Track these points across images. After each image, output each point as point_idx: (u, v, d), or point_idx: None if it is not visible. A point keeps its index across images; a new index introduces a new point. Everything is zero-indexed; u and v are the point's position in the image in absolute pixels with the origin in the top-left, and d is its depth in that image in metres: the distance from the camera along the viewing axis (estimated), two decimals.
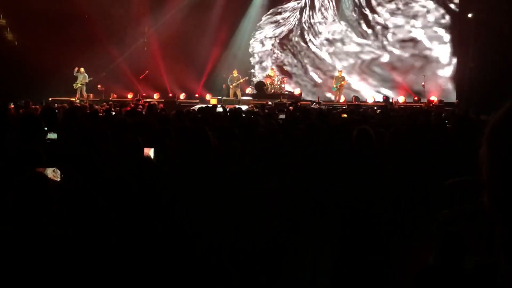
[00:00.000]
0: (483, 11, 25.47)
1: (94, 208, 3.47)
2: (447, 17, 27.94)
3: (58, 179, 3.51)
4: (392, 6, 29.27)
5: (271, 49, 32.03)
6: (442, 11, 28.05)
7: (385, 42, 29.23)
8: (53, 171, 3.52)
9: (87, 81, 26.75)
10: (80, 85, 26.72)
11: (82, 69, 26.80)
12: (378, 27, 29.57)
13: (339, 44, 30.46)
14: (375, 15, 29.61)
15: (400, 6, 29.03)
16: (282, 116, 13.90)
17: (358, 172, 7.49)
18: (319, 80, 30.07)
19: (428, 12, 28.34)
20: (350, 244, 7.83)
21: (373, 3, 29.71)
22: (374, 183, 7.85)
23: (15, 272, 3.15)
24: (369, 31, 29.74)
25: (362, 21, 29.92)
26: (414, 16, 28.77)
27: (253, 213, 5.60)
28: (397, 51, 28.92)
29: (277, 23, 31.90)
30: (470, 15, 26.91)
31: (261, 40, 32.25)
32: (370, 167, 7.67)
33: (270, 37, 32.07)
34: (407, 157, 9.85)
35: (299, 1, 31.51)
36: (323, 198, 6.53)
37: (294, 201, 5.88)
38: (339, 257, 7.28)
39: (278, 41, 31.89)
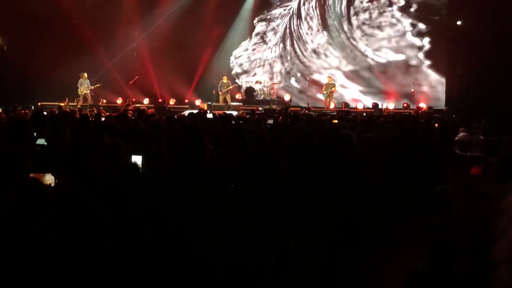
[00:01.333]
0: (472, 18, 25.60)
1: (89, 212, 3.47)
2: (434, 24, 28.01)
3: (53, 184, 3.52)
4: (375, 13, 29.48)
5: (262, 56, 32.07)
6: (429, 18, 28.14)
7: (370, 49, 29.38)
8: (49, 176, 3.52)
9: (91, 88, 26.94)
10: (86, 92, 26.96)
11: (85, 75, 27.10)
12: (360, 35, 29.76)
13: (325, 53, 30.61)
14: (357, 23, 29.84)
15: (389, 12, 29.17)
16: (270, 121, 13.92)
17: (343, 176, 7.51)
18: (306, 87, 30.11)
19: (416, 19, 28.44)
20: (339, 249, 7.84)
21: (353, 11, 29.93)
22: (360, 188, 7.88)
23: (11, 276, 3.15)
24: (354, 39, 29.92)
25: (343, 30, 30.13)
26: (396, 24, 28.95)
27: (243, 217, 5.61)
28: (384, 58, 29.06)
29: (267, 30, 31.98)
30: (459, 22, 27.04)
31: (252, 47, 32.26)
32: (354, 171, 7.69)
33: (261, 44, 32.11)
34: (396, 162, 9.89)
35: (284, 8, 31.62)
36: (311, 202, 6.54)
37: (283, 206, 5.88)
38: (328, 262, 7.28)
39: (268, 47, 31.94)
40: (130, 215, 4.02)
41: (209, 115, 14.39)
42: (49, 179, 3.52)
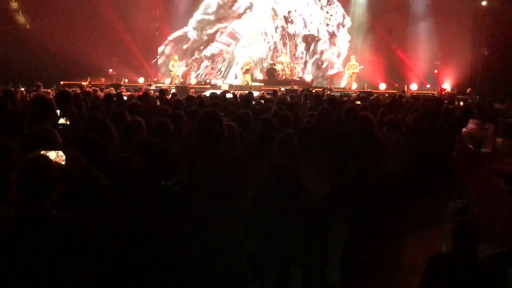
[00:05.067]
0: None
1: (98, 191, 3.47)
2: (458, 4, 27.50)
3: (63, 162, 3.50)
4: None
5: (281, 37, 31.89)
6: None
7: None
8: (58, 153, 3.50)
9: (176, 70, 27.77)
10: (177, 74, 27.74)
11: (176, 57, 28.01)
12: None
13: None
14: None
15: None
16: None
17: (364, 160, 7.46)
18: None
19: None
20: (361, 231, 7.82)
21: None
22: (381, 170, 7.85)
23: (17, 253, 3.18)
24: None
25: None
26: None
27: (264, 197, 5.59)
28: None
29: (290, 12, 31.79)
30: (483, 3, 26.68)
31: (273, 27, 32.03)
32: (374, 154, 7.65)
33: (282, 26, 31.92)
34: (418, 144, 9.82)
35: None
36: (334, 184, 6.50)
37: (304, 187, 5.83)
38: (349, 243, 7.26)
39: (288, 28, 31.74)
40: (145, 194, 4.00)
41: (229, 95, 14.30)
42: (56, 155, 3.49)
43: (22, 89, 17.08)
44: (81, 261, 3.40)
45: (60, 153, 3.52)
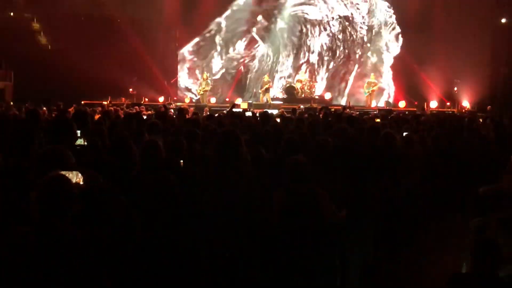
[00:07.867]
0: None
1: (116, 209, 3.51)
2: (478, 22, 27.34)
3: (82, 182, 3.57)
4: None
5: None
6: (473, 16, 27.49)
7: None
8: (77, 174, 3.58)
9: (207, 88, 27.82)
10: (203, 92, 27.69)
11: (205, 75, 28.09)
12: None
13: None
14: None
15: None
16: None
17: (385, 175, 7.43)
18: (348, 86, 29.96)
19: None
20: (381, 248, 7.76)
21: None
22: (403, 188, 7.80)
23: (36, 271, 3.24)
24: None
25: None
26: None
27: (284, 214, 5.57)
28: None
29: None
30: (503, 20, 26.55)
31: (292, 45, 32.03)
32: (396, 172, 7.61)
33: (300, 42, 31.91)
34: (437, 162, 9.76)
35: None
36: (354, 199, 6.47)
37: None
38: (369, 260, 7.20)
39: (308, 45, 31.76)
40: (166, 213, 4.02)
41: (248, 113, 14.32)
42: (76, 176, 3.57)
43: (44, 108, 17.22)
44: (100, 277, 3.46)
45: (78, 173, 3.59)
